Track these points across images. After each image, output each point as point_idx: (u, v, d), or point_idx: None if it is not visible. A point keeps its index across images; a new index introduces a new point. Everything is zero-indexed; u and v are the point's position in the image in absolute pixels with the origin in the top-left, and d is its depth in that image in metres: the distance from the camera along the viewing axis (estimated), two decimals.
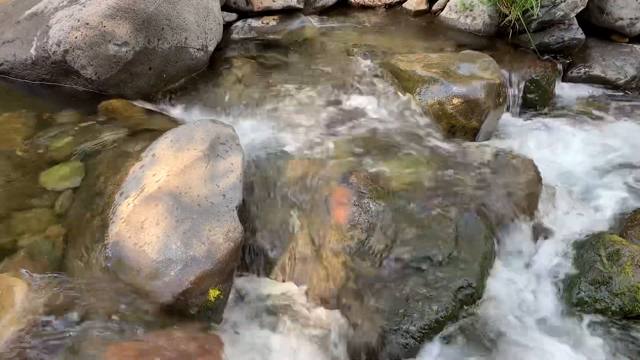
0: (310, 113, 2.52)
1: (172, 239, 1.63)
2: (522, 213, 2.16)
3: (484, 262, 1.95)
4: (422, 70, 2.54)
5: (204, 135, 1.95)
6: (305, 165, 2.18)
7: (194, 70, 2.74)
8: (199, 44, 2.70)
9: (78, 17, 2.31)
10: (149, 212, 1.69)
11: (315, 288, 1.87)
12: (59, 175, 2.00)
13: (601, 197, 2.38)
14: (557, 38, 3.15)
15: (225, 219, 1.72)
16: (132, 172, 1.88)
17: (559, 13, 3.03)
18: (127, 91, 2.49)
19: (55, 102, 2.38)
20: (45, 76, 2.43)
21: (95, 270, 1.63)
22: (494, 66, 2.60)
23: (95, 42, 2.31)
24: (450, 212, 2.08)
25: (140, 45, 2.41)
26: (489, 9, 3.19)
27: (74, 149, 2.11)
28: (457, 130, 2.45)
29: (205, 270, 1.60)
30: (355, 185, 2.09)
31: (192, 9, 2.64)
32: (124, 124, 2.27)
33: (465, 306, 1.86)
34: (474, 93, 2.41)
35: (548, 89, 3.03)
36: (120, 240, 1.65)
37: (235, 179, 1.86)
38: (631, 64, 3.23)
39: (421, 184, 2.18)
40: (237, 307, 1.80)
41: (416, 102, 2.48)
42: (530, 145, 2.57)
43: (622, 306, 1.89)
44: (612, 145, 2.69)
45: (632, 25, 3.24)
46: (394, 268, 1.91)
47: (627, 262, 1.95)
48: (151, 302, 1.56)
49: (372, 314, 1.81)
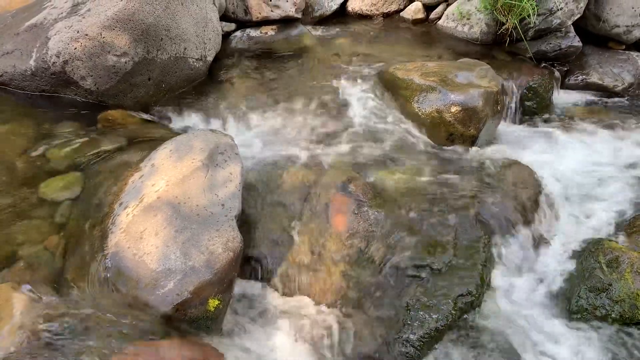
0: (309, 122, 2.53)
1: (172, 249, 1.63)
2: (521, 220, 2.16)
3: (483, 269, 1.95)
4: (420, 78, 2.55)
5: (203, 145, 1.95)
6: (304, 174, 2.19)
7: (193, 80, 2.75)
8: (198, 54, 2.71)
9: (77, 29, 2.33)
10: (148, 222, 1.70)
11: (315, 297, 1.87)
12: (59, 185, 2.00)
13: (600, 203, 2.38)
14: (554, 46, 3.17)
15: (224, 229, 1.73)
16: (131, 182, 1.88)
17: (555, 21, 3.05)
18: (127, 101, 2.50)
19: (55, 112, 2.39)
20: (44, 87, 2.44)
21: (94, 281, 1.63)
22: (491, 74, 2.61)
23: (95, 53, 2.32)
24: (449, 219, 2.08)
25: (139, 56, 2.43)
26: (486, 17, 3.20)
27: (73, 160, 2.11)
28: (456, 138, 2.46)
29: (204, 280, 1.60)
30: (354, 193, 2.09)
31: (190, 19, 2.65)
32: (123, 134, 2.28)
33: (465, 314, 1.86)
34: (471, 101, 2.42)
35: (545, 97, 3.04)
36: (120, 250, 1.65)
37: (234, 188, 1.86)
38: (628, 70, 3.25)
39: (420, 192, 2.18)
40: (237, 317, 1.80)
41: (414, 111, 2.49)
42: (529, 153, 2.58)
43: (622, 313, 1.89)
44: (610, 151, 2.69)
45: (628, 32, 3.26)
46: (394, 276, 1.92)
47: (627, 269, 1.94)
48: (151, 313, 1.56)
49: (373, 322, 1.81)
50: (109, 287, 1.61)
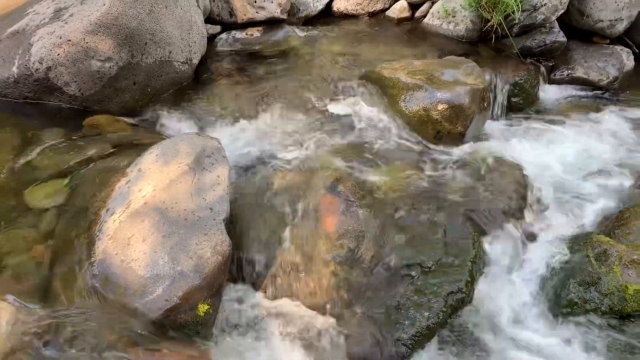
0: (296, 123, 2.52)
1: (160, 255, 1.62)
2: (510, 216, 2.17)
3: (473, 266, 1.96)
4: (407, 77, 2.55)
5: (190, 148, 1.94)
6: (292, 175, 2.18)
7: (179, 83, 2.73)
8: (184, 57, 2.70)
9: (60, 34, 2.31)
10: (136, 228, 1.68)
11: (306, 298, 1.87)
12: (44, 193, 1.98)
13: (587, 197, 2.39)
14: (539, 41, 3.18)
15: (212, 233, 1.71)
16: (118, 188, 1.86)
17: (539, 17, 3.07)
18: (112, 106, 2.48)
19: (40, 119, 2.36)
20: (28, 94, 2.42)
21: (82, 289, 1.61)
22: (477, 71, 2.62)
23: (78, 58, 2.31)
24: (439, 217, 2.09)
25: (123, 61, 2.41)
26: (471, 14, 3.21)
27: (59, 167, 2.09)
28: (443, 136, 2.46)
29: (193, 285, 1.59)
30: (343, 193, 2.09)
31: (175, 22, 2.64)
32: (109, 140, 2.26)
33: (456, 311, 1.87)
34: (458, 99, 2.42)
35: (532, 92, 3.06)
36: (107, 257, 1.64)
37: (222, 191, 1.85)
38: (612, 64, 3.27)
39: (408, 191, 2.19)
40: (228, 321, 1.79)
41: (401, 109, 2.49)
42: (516, 149, 2.58)
43: (611, 306, 1.90)
44: (596, 145, 2.71)
45: (612, 26, 3.28)
46: (384, 275, 1.92)
47: (615, 262, 1.95)
48: (140, 319, 1.54)
49: (364, 323, 1.81)
50: (97, 294, 1.60)
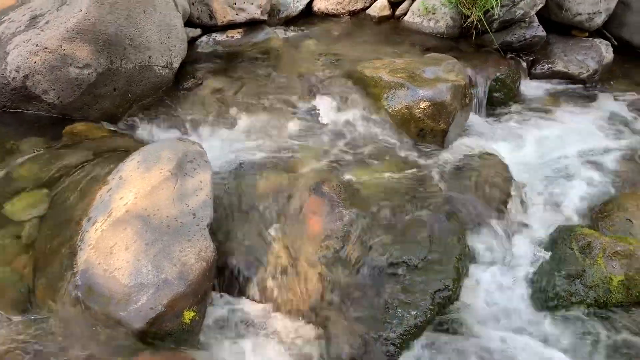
0: (278, 125, 2.51)
1: (143, 263, 1.60)
2: (494, 211, 2.18)
3: (458, 263, 1.96)
4: (388, 75, 2.55)
5: (171, 154, 1.92)
6: (276, 177, 2.17)
7: (160, 87, 2.71)
8: (164, 62, 2.67)
9: (36, 42, 2.27)
10: (118, 236, 1.66)
11: (293, 302, 1.86)
12: (25, 204, 1.96)
13: (570, 190, 2.42)
14: (519, 36, 3.20)
15: (196, 239, 1.70)
16: (99, 197, 1.84)
17: (519, 12, 3.08)
18: (92, 113, 2.45)
19: (18, 129, 2.33)
20: (5, 103, 2.38)
21: (65, 300, 1.59)
22: (458, 68, 2.63)
23: (56, 66, 2.28)
24: (424, 215, 2.09)
25: (102, 67, 2.38)
26: (450, 11, 3.22)
27: (39, 176, 2.07)
28: (426, 133, 2.46)
29: (178, 293, 1.58)
30: (328, 194, 2.08)
31: (154, 27, 2.61)
32: (90, 148, 2.23)
33: (443, 308, 1.87)
34: (440, 96, 2.43)
35: (513, 87, 3.07)
36: (90, 267, 1.62)
37: (205, 196, 1.84)
38: (592, 57, 3.29)
39: (393, 189, 2.19)
40: (215, 327, 1.77)
41: (384, 108, 2.49)
42: (498, 144, 2.60)
43: (596, 298, 1.92)
44: (578, 138, 2.73)
45: (590, 19, 3.31)
46: (371, 275, 1.91)
47: (599, 254, 1.97)
48: (125, 329, 1.53)
49: (352, 323, 1.81)
50: (81, 305, 1.58)
